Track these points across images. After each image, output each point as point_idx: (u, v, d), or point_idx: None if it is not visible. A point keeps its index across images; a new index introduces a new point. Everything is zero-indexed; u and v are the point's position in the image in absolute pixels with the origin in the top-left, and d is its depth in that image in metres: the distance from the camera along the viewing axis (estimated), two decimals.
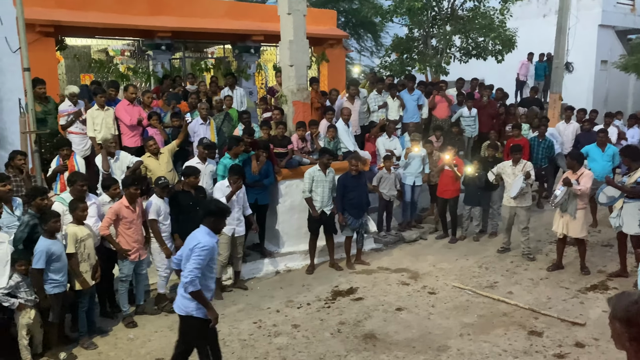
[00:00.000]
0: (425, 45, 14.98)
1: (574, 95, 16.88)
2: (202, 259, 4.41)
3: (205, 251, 4.42)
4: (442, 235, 9.64)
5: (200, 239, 4.48)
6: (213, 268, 4.68)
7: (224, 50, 14.22)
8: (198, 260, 4.40)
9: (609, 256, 8.35)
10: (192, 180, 6.95)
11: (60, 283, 5.56)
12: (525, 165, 8.36)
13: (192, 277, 4.38)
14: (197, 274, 4.40)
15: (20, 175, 6.97)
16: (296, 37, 8.75)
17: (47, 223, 5.44)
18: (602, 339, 5.74)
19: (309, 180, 7.94)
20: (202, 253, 4.41)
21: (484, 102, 11.99)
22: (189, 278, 4.38)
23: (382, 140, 9.89)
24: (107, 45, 13.02)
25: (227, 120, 9.12)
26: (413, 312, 6.64)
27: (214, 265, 4.68)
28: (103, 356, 5.75)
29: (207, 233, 4.56)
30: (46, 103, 8.24)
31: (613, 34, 20.43)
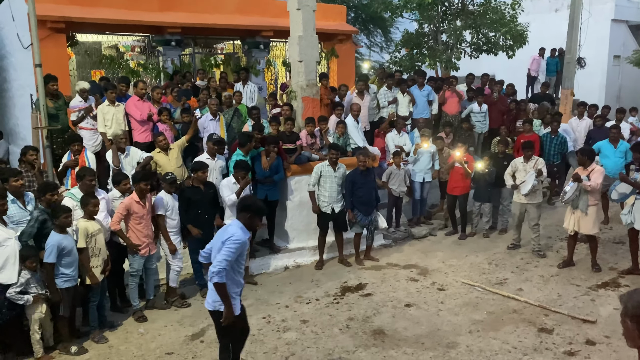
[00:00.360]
0: (436, 41, 14.89)
1: (586, 90, 16.69)
2: (232, 252, 4.37)
3: (237, 244, 4.38)
4: (451, 231, 9.60)
5: (234, 232, 4.44)
6: (242, 264, 4.65)
7: (234, 46, 14.22)
8: (229, 252, 4.36)
9: (620, 253, 8.28)
10: (201, 175, 6.98)
11: (71, 277, 5.62)
12: (537, 161, 8.30)
13: (220, 269, 4.33)
14: (225, 265, 4.35)
15: (32, 170, 7.05)
16: (305, 33, 8.73)
17: (59, 218, 5.49)
18: (614, 336, 5.70)
19: (315, 175, 7.94)
20: (233, 246, 4.37)
21: (494, 98, 11.90)
22: (217, 268, 4.33)
23: (391, 136, 9.86)
24: (117, 41, 13.06)
25: (237, 116, 9.14)
26: (422, 308, 6.63)
27: (242, 261, 4.65)
28: (114, 350, 5.80)
29: (241, 228, 4.51)
30: (57, 99, 8.30)
31: (626, 28, 20.17)
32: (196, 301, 6.99)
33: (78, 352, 5.68)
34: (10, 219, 5.68)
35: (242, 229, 4.51)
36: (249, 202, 4.67)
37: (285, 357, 5.53)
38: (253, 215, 4.56)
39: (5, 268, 5.31)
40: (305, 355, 5.57)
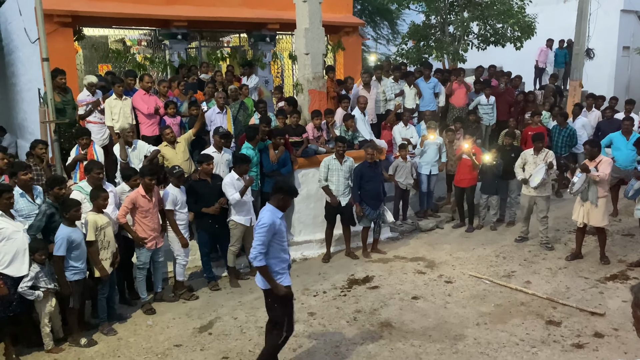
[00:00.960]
0: (443, 33, 14.79)
1: (594, 82, 16.53)
2: (263, 236, 4.59)
3: (263, 228, 4.59)
4: (459, 224, 9.58)
5: (261, 217, 4.68)
6: (283, 241, 4.80)
7: (240, 39, 14.20)
8: (259, 237, 4.60)
9: (629, 245, 8.24)
10: (206, 167, 6.99)
11: (80, 270, 5.66)
12: (547, 154, 8.23)
13: (256, 254, 4.60)
14: (261, 250, 4.60)
15: (40, 164, 7.09)
16: (312, 25, 8.70)
17: (69, 212, 5.52)
18: (622, 329, 5.68)
19: (324, 169, 7.94)
20: (261, 230, 4.60)
21: (501, 89, 11.83)
22: (253, 254, 4.61)
23: (398, 129, 9.83)
24: (124, 35, 13.09)
25: (243, 109, 9.13)
26: (429, 300, 6.63)
27: (282, 239, 4.79)
28: (122, 342, 5.85)
29: (270, 210, 4.72)
30: (65, 94, 8.32)
31: (635, 19, 19.92)
32: (204, 294, 7.03)
33: (87, 344, 5.73)
34: (19, 212, 5.72)
35: (273, 210, 4.72)
36: (281, 185, 4.88)
37: (292, 349, 5.56)
38: (286, 196, 4.77)
39: (15, 260, 5.35)
40: (313, 348, 5.59)
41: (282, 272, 4.80)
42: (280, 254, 4.79)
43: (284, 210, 4.84)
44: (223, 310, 6.52)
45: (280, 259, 4.80)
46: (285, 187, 4.81)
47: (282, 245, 4.80)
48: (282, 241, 4.80)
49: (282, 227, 4.79)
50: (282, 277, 4.78)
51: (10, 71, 13.50)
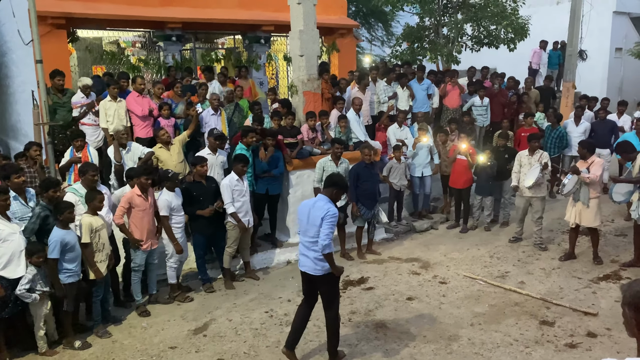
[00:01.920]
0: (437, 34, 14.84)
1: (587, 83, 16.63)
2: (333, 224, 4.90)
3: (335, 217, 4.92)
4: (453, 225, 9.61)
5: (328, 207, 4.92)
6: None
7: (234, 40, 14.21)
8: (330, 225, 4.87)
9: (622, 246, 8.29)
10: (200, 168, 6.99)
11: (74, 272, 5.65)
12: (541, 155, 8.26)
13: (329, 241, 4.85)
14: (332, 237, 4.88)
15: (34, 166, 7.07)
16: (306, 27, 8.72)
17: (62, 214, 5.51)
18: (615, 328, 5.72)
19: (319, 171, 7.95)
20: (333, 219, 4.89)
21: (494, 90, 11.88)
22: (327, 241, 4.84)
23: (392, 130, 9.85)
24: (118, 37, 13.06)
25: (238, 110, 9.14)
26: (424, 301, 6.65)
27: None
28: (117, 344, 5.83)
29: (329, 201, 4.99)
30: (62, 95, 8.31)
31: (628, 20, 20.07)
32: (199, 296, 7.03)
33: (82, 347, 5.71)
34: (13, 215, 5.69)
35: (330, 202, 5.01)
36: (336, 179, 5.17)
37: None
38: (339, 190, 5.09)
39: (10, 263, 5.35)
40: (308, 349, 5.59)
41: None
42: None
43: (335, 202, 5.07)
44: (218, 312, 6.52)
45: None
46: (340, 182, 5.12)
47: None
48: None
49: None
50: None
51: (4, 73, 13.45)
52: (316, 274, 5.06)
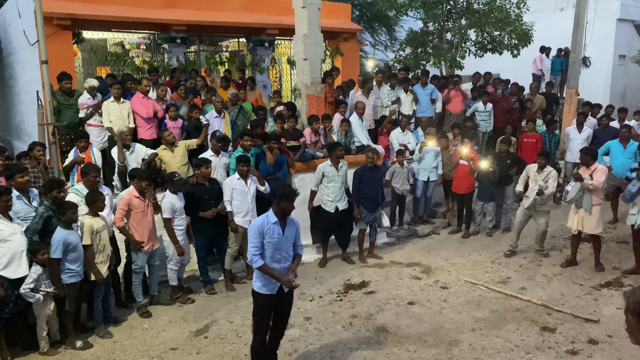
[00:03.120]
0: (440, 40, 14.88)
1: (591, 90, 16.65)
2: (252, 238, 4.74)
3: (251, 230, 4.78)
4: (455, 230, 9.61)
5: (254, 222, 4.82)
6: (275, 250, 4.84)
7: (239, 43, 14.26)
8: (250, 239, 4.73)
9: (624, 253, 8.28)
10: (203, 170, 7.02)
11: (77, 273, 5.66)
12: (549, 174, 7.91)
13: (250, 257, 4.71)
14: (254, 252, 4.72)
15: (38, 166, 7.10)
16: (310, 31, 8.75)
17: (65, 214, 5.53)
18: (616, 336, 5.71)
19: (318, 176, 7.94)
20: (250, 233, 4.75)
21: (497, 95, 11.90)
22: (248, 257, 4.73)
23: (395, 134, 9.86)
24: (123, 38, 13.12)
25: (242, 113, 9.17)
26: (425, 306, 6.65)
27: (273, 246, 4.83)
28: (118, 345, 5.84)
29: (266, 215, 4.82)
30: (70, 97, 8.35)
31: (632, 28, 20.09)
32: (200, 297, 7.04)
33: (83, 347, 5.72)
34: (16, 214, 5.71)
35: (266, 215, 4.82)
36: (275, 190, 4.86)
37: (288, 354, 5.56)
38: (280, 201, 4.71)
39: (12, 262, 5.35)
40: (308, 352, 5.60)
41: (267, 281, 4.76)
42: (270, 262, 4.71)
43: (283, 216, 4.74)
44: (219, 314, 6.53)
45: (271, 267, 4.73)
46: (278, 192, 4.73)
47: (272, 253, 4.71)
48: (272, 249, 4.70)
49: (275, 234, 4.68)
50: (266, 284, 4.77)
51: (9, 73, 13.50)
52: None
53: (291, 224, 4.82)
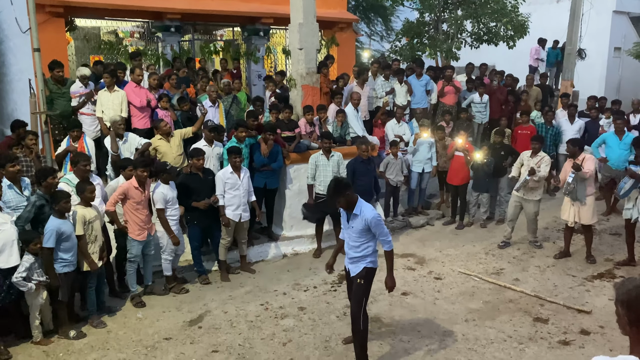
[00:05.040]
0: (436, 30, 14.82)
1: (586, 82, 16.66)
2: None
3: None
4: (449, 221, 9.63)
5: (375, 212, 4.83)
6: None
7: (233, 32, 14.15)
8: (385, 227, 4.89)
9: (616, 245, 8.33)
10: (195, 162, 6.99)
11: (70, 262, 5.64)
12: (542, 159, 8.04)
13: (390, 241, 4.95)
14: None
15: (30, 155, 7.04)
16: (306, 20, 8.69)
17: (58, 203, 5.49)
18: (608, 326, 5.76)
19: (312, 167, 7.93)
20: (382, 222, 4.85)
21: (493, 87, 11.88)
22: (391, 243, 4.93)
23: (390, 126, 9.85)
24: (116, 26, 13.00)
25: (235, 103, 9.12)
26: (419, 297, 6.67)
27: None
28: (112, 335, 5.84)
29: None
30: (62, 86, 8.27)
31: (627, 20, 20.09)
32: (194, 287, 7.04)
33: (77, 337, 5.71)
34: (7, 204, 5.68)
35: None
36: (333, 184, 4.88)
37: (282, 344, 5.58)
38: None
39: (3, 252, 5.31)
40: (303, 342, 5.61)
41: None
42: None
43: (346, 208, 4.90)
44: (213, 304, 6.53)
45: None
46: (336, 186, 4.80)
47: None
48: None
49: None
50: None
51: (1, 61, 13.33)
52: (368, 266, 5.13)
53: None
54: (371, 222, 4.73)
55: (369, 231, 4.80)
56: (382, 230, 4.81)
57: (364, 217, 4.74)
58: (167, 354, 5.42)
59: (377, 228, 4.77)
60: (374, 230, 4.78)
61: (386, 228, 4.91)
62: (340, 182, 4.83)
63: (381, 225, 4.79)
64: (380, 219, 4.83)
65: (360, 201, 4.82)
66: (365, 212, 4.75)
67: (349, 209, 4.82)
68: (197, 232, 7.17)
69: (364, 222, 4.75)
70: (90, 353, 5.47)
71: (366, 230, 4.79)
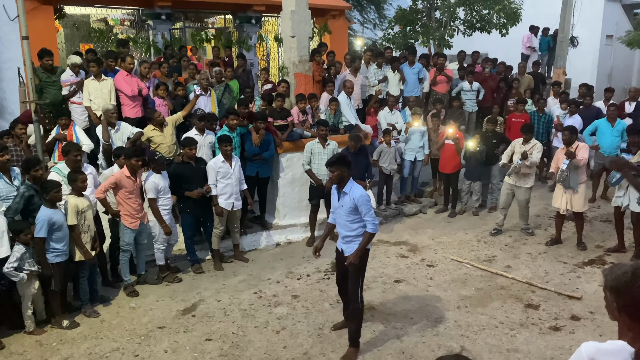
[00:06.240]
0: (429, 18, 14.77)
1: (578, 70, 16.69)
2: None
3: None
4: (441, 209, 9.67)
5: (363, 193, 4.94)
6: None
7: (225, 20, 14.03)
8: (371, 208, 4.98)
9: (607, 232, 8.40)
10: (187, 151, 6.96)
11: (62, 252, 5.62)
12: (533, 146, 8.08)
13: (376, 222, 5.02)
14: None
15: (20, 144, 6.98)
16: (298, 8, 8.62)
17: (49, 193, 5.46)
18: (598, 312, 5.82)
19: (307, 154, 7.94)
20: (369, 203, 4.96)
21: (485, 74, 11.86)
22: (375, 224, 4.96)
23: (383, 114, 9.83)
24: (106, 14, 12.83)
25: (227, 92, 9.05)
26: (411, 284, 6.71)
27: None
28: (105, 324, 5.84)
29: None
30: (52, 74, 8.18)
31: (619, 8, 20.10)
32: (188, 276, 7.04)
33: (70, 326, 5.71)
34: None
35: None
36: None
37: (276, 332, 5.60)
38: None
39: None
40: (296, 330, 5.64)
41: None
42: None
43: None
44: (206, 293, 6.54)
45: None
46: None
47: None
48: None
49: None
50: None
51: None
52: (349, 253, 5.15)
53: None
54: (358, 200, 4.87)
55: (357, 210, 4.92)
56: (367, 211, 4.92)
57: (352, 195, 4.89)
58: (160, 343, 5.44)
59: (363, 207, 4.89)
60: (360, 209, 4.90)
61: (372, 210, 4.99)
62: (344, 158, 5.06)
63: (367, 205, 4.91)
64: (367, 198, 4.94)
65: (351, 181, 4.99)
66: (354, 191, 4.91)
67: (340, 185, 4.98)
68: (190, 222, 7.16)
69: (352, 200, 4.89)
70: (83, 342, 5.47)
71: (354, 209, 4.92)
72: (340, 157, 5.06)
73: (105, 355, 5.24)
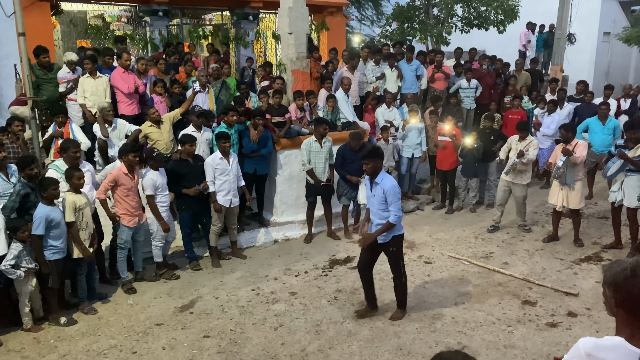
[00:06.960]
0: (427, 15, 14.76)
1: (575, 67, 16.72)
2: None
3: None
4: (439, 205, 9.68)
5: (394, 182, 5.34)
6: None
7: (222, 17, 14.01)
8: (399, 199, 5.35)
9: (604, 228, 8.43)
10: (188, 148, 6.95)
11: (60, 249, 5.61)
12: (530, 143, 8.11)
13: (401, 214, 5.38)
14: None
15: (17, 141, 6.96)
16: (295, 4, 8.60)
17: (47, 190, 5.44)
18: (595, 309, 5.84)
19: (306, 152, 7.92)
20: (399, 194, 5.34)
21: (483, 71, 11.87)
22: (399, 215, 5.31)
23: (381, 111, 9.83)
24: (103, 10, 12.80)
25: (224, 88, 9.04)
26: (409, 280, 6.65)
27: None
28: (103, 321, 5.84)
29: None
30: (48, 71, 8.15)
31: (617, 5, 20.12)
32: (185, 273, 7.04)
33: (67, 323, 5.71)
34: None
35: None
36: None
37: (274, 328, 5.61)
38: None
39: None
40: (294, 326, 5.65)
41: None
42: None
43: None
44: (204, 290, 6.54)
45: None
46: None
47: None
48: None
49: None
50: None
51: None
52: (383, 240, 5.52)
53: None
54: (388, 190, 5.20)
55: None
56: (395, 201, 5.22)
57: (384, 186, 5.24)
58: (158, 340, 5.44)
59: (391, 197, 5.20)
60: (388, 198, 5.18)
61: (399, 202, 5.29)
62: (377, 150, 5.44)
63: (396, 197, 5.23)
64: (398, 190, 5.30)
65: (383, 172, 5.35)
66: (385, 182, 5.26)
67: (373, 175, 5.31)
68: (188, 219, 7.16)
69: (382, 191, 5.23)
70: (81, 339, 5.47)
71: (385, 199, 5.24)
72: (373, 149, 5.39)
73: (103, 352, 5.24)
